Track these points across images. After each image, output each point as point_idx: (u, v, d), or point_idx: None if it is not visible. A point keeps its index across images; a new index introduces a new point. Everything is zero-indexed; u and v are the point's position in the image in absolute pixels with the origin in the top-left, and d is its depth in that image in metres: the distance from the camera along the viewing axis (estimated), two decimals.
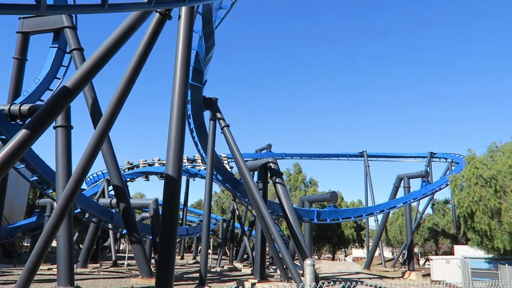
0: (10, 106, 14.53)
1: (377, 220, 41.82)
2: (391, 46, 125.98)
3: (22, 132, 6.26)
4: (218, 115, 19.23)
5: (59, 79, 19.71)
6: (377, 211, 30.76)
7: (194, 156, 37.37)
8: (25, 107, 14.43)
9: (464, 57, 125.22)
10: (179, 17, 10.60)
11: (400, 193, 35.79)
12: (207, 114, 19.81)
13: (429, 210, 48.14)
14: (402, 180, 35.92)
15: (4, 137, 14.02)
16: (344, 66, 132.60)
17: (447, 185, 31.28)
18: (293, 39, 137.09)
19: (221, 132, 19.24)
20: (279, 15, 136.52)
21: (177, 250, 39.96)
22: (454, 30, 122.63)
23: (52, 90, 19.21)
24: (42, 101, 18.83)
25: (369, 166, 47.12)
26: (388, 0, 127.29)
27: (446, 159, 43.63)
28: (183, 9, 10.62)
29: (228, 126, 19.24)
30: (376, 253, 39.85)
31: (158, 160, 38.69)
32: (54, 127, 13.69)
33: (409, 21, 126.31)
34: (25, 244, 45.86)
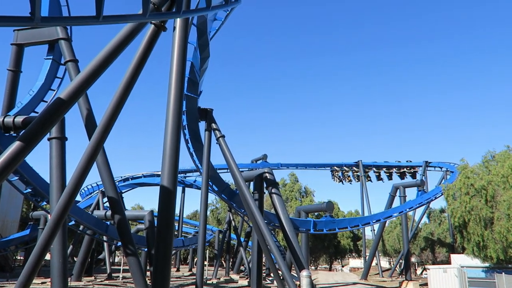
0: (4, 118, 14.43)
1: (374, 230, 41.75)
2: (386, 56, 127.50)
3: (16, 144, 6.21)
4: (214, 125, 19.24)
5: (54, 90, 19.66)
6: (374, 221, 30.74)
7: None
8: (19, 119, 14.34)
9: (458, 66, 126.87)
10: (174, 28, 10.65)
11: (396, 202, 35.84)
12: (202, 125, 19.82)
13: (425, 219, 48.21)
14: (398, 190, 35.99)
15: None
16: (339, 77, 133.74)
17: (442, 194, 31.40)
18: (289, 50, 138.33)
19: (217, 143, 19.23)
20: (275, 26, 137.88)
21: (172, 262, 39.64)
22: (445, 40, 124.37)
23: (46, 102, 19.14)
24: (37, 112, 18.75)
25: (364, 176, 47.18)
26: (379, 13, 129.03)
27: (441, 168, 43.82)
28: (178, 20, 10.67)
29: (223, 136, 19.24)
30: (373, 263, 39.69)
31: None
32: (48, 139, 13.60)
33: (402, 32, 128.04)
34: (19, 258, 45.23)
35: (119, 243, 21.90)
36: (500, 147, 28.05)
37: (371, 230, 42.61)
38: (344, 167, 49.25)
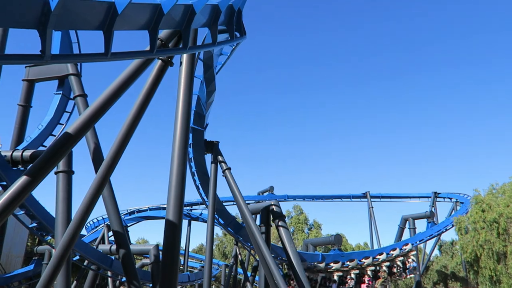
0: (13, 152, 14.60)
1: None
2: (392, 86, 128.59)
3: (23, 179, 6.25)
4: (220, 158, 19.28)
5: (62, 124, 19.94)
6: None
7: None
8: (27, 152, 14.49)
9: (465, 95, 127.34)
10: (181, 63, 10.90)
11: (406, 234, 35.13)
12: (208, 157, 19.87)
13: (436, 252, 47.05)
14: (407, 221, 35.39)
15: (4, 183, 13.98)
16: (346, 109, 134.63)
17: (453, 225, 30.82)
18: (295, 82, 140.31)
19: (223, 175, 19.20)
20: (279, 59, 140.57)
21: None
22: (453, 71, 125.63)
23: (55, 136, 19.38)
24: (45, 146, 18.95)
25: (372, 207, 46.52)
26: (384, 42, 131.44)
27: (450, 198, 43.15)
28: (185, 55, 10.94)
29: (229, 169, 19.23)
30: None
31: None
32: (55, 173, 13.65)
33: (407, 62, 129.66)
34: None
35: (124, 279, 21.48)
36: (503, 178, 27.78)
37: None
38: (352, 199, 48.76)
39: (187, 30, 6.97)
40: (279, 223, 20.78)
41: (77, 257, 20.88)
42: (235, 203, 20.10)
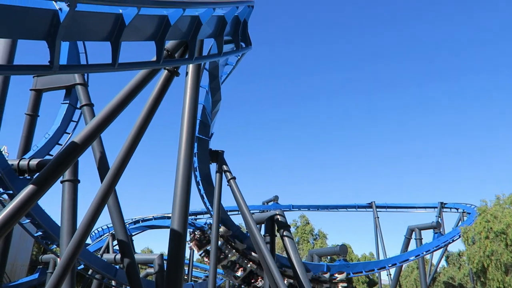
0: (19, 161, 14.71)
1: (390, 274, 40.24)
2: (399, 96, 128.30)
3: (29, 187, 6.29)
4: (225, 167, 19.29)
5: (69, 134, 20.07)
6: (389, 265, 29.73)
7: None
8: (34, 161, 14.59)
9: (471, 104, 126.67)
10: (187, 73, 10.99)
11: (412, 245, 34.79)
12: (213, 167, 19.90)
13: (443, 263, 46.47)
14: (413, 232, 35.06)
15: (11, 192, 14.06)
16: (351, 117, 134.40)
17: (460, 236, 30.50)
18: (299, 91, 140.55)
19: (228, 185, 19.18)
20: (284, 68, 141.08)
21: None
22: (457, 80, 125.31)
23: (61, 145, 19.50)
24: (51, 155, 19.07)
25: (378, 217, 46.13)
26: (391, 53, 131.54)
27: (457, 209, 42.72)
28: (191, 66, 11.03)
29: (234, 178, 19.22)
30: None
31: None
32: (61, 181, 13.73)
33: (415, 73, 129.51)
34: None
35: None
36: (508, 189, 27.52)
37: (387, 275, 41.09)
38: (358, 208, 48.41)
39: (193, 41, 7.04)
40: (284, 233, 20.68)
41: (82, 266, 20.85)
42: (239, 212, 20.05)
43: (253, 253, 21.27)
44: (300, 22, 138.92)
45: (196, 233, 23.82)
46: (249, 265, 22.14)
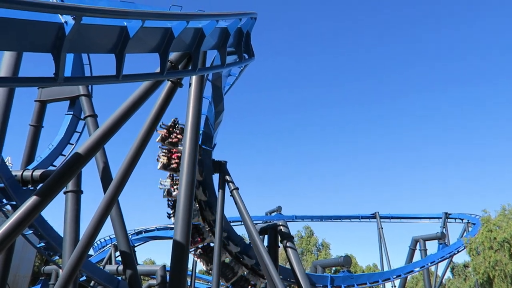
0: (23, 171, 14.74)
1: (395, 286, 39.82)
2: (403, 106, 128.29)
3: (33, 199, 6.30)
4: (227, 178, 19.24)
5: (72, 144, 20.14)
6: (394, 276, 29.40)
7: None
8: (37, 172, 14.62)
9: (476, 114, 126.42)
10: (190, 84, 11.06)
11: (417, 256, 34.50)
12: (216, 177, 19.86)
13: (448, 274, 45.96)
14: (418, 243, 34.78)
15: (14, 203, 14.08)
16: (354, 127, 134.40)
17: (465, 247, 30.20)
18: (302, 102, 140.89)
19: (230, 195, 19.13)
20: (287, 79, 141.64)
21: None
22: (460, 89, 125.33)
23: (65, 156, 19.56)
24: (55, 166, 19.12)
25: (382, 228, 45.79)
26: (396, 61, 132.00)
27: (462, 219, 42.34)
28: (194, 77, 11.10)
29: (237, 189, 19.16)
30: None
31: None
32: (64, 192, 13.73)
33: (421, 81, 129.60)
34: None
35: None
36: None
37: (392, 286, 40.65)
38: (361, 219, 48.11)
39: (196, 53, 7.10)
40: (287, 244, 20.53)
41: (84, 278, 20.73)
42: (242, 223, 19.95)
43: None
44: (304, 31, 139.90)
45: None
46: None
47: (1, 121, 10.56)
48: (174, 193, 19.00)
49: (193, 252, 21.46)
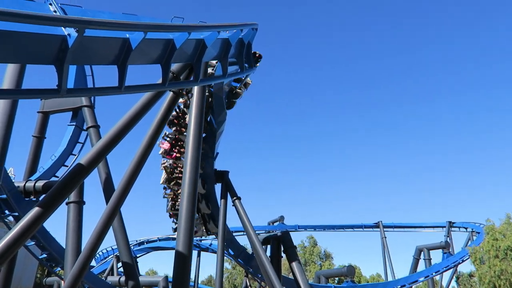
0: (26, 182, 14.77)
1: None
2: (406, 113, 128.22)
3: (35, 210, 6.30)
4: (229, 187, 19.22)
5: (75, 155, 20.17)
6: (398, 286, 29.09)
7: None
8: (40, 183, 14.64)
9: (480, 122, 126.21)
10: (192, 94, 11.11)
11: (421, 265, 34.19)
12: (218, 187, 19.84)
13: (453, 284, 45.45)
14: (422, 252, 34.50)
15: (17, 214, 14.07)
16: (357, 136, 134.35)
17: (470, 256, 29.92)
18: (304, 111, 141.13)
19: (232, 205, 19.08)
20: (288, 88, 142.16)
21: None
22: (465, 98, 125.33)
23: (67, 166, 19.58)
24: (57, 177, 19.13)
25: (385, 237, 45.44)
26: (401, 70, 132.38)
27: (466, 228, 42.01)
28: (196, 87, 11.16)
29: (239, 198, 19.12)
30: None
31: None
32: (67, 203, 13.74)
33: (424, 90, 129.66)
34: None
35: None
36: None
37: None
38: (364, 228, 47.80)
39: (198, 63, 7.15)
40: (290, 254, 20.39)
41: None
42: (245, 233, 19.85)
43: None
44: (307, 38, 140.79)
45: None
46: None
47: (5, 133, 10.61)
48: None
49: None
